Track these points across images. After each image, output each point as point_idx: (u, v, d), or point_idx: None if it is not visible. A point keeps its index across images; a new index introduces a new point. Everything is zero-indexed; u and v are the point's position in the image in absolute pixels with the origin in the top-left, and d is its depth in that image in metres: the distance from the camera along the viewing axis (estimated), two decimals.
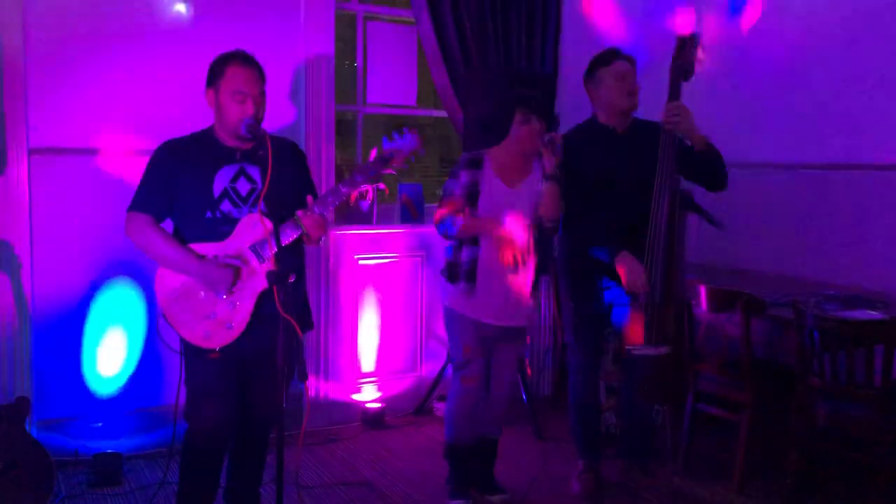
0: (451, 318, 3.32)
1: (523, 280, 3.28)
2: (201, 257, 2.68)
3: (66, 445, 3.72)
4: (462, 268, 3.23)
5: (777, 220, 4.65)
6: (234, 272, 2.66)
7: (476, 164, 3.24)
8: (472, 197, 3.21)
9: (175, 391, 2.79)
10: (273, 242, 2.48)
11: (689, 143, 3.25)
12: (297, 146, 2.98)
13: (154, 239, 2.71)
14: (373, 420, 4.39)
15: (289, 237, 2.66)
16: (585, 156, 3.37)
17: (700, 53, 3.32)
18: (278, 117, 4.02)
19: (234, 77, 2.69)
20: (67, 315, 3.73)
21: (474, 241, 3.22)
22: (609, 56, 3.36)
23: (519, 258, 3.16)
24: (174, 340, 2.75)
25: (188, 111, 3.65)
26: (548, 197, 3.16)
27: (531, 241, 3.27)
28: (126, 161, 3.70)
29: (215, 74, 2.73)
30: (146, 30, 3.79)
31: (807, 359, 3.26)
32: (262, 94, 2.74)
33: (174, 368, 2.83)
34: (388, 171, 2.80)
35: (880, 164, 4.14)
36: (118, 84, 3.76)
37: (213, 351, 2.69)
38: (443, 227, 3.21)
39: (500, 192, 3.23)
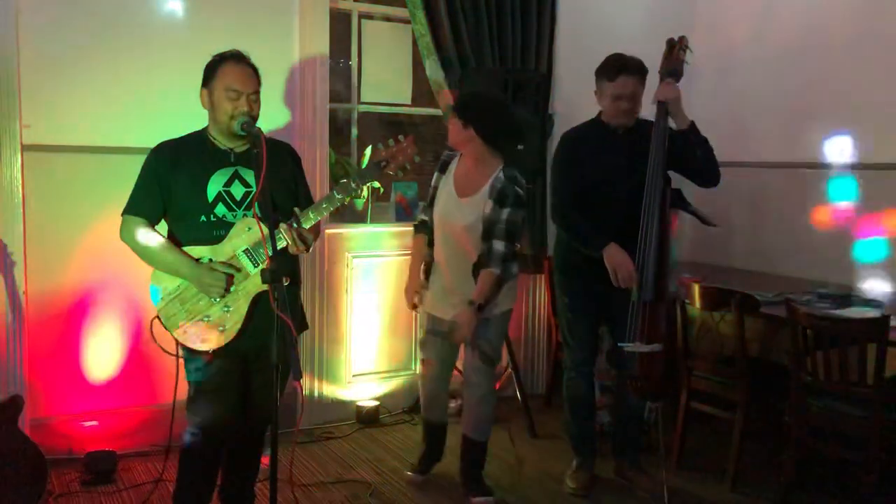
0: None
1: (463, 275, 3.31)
2: (195, 261, 2.68)
3: (60, 443, 3.71)
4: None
5: (770, 219, 4.66)
6: (228, 277, 2.66)
7: (444, 167, 3.45)
8: (432, 198, 3.45)
9: (170, 390, 2.78)
10: (267, 247, 2.47)
11: (673, 122, 3.27)
12: (293, 149, 2.98)
13: (148, 243, 2.71)
14: (368, 418, 4.40)
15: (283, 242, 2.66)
16: (584, 152, 3.40)
17: (689, 56, 3.33)
18: (272, 117, 4.01)
19: (228, 75, 2.69)
20: (61, 313, 3.72)
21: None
22: (614, 71, 3.31)
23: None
24: (169, 343, 2.74)
25: (181, 109, 3.64)
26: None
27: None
28: (120, 159, 3.68)
29: (209, 73, 2.73)
30: (140, 28, 3.78)
31: (800, 357, 3.27)
32: (257, 93, 2.73)
33: (168, 367, 2.83)
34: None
35: (874, 163, 4.16)
36: (111, 81, 3.74)
37: (207, 353, 2.69)
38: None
39: (451, 201, 3.35)
